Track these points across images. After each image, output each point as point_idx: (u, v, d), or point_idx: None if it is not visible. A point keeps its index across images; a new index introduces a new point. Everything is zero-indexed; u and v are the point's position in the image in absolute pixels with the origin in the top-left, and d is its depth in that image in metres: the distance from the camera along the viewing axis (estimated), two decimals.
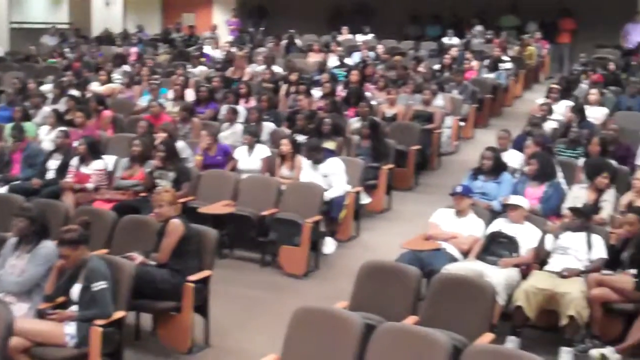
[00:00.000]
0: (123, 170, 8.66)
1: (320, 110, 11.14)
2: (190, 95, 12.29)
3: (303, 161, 8.70)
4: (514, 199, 7.08)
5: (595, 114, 10.85)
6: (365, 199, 9.16)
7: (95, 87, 13.23)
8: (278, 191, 8.27)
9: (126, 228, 6.82)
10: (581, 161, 8.63)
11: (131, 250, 6.23)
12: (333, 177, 8.43)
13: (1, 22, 19.20)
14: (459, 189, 7.22)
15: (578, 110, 10.28)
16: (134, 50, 17.95)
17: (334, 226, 8.50)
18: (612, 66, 14.20)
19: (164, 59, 16.84)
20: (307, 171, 8.60)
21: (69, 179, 8.61)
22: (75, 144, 9.11)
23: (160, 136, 9.13)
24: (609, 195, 7.52)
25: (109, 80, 13.61)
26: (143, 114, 11.33)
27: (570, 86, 12.75)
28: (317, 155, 8.61)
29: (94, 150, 8.74)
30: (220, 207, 8.10)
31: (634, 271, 6.21)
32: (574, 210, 6.85)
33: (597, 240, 6.54)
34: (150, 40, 20.01)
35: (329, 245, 8.33)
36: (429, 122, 11.29)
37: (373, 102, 11.80)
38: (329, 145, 9.48)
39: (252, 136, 9.25)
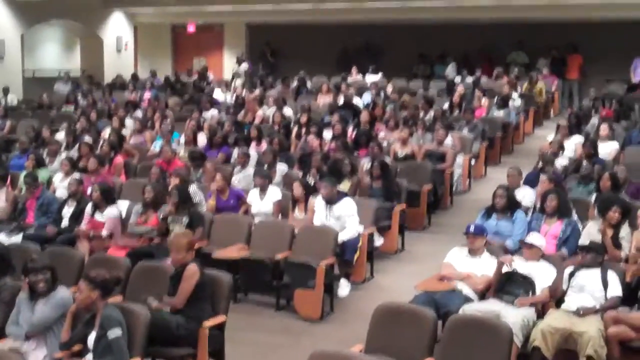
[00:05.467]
0: (137, 216, 8.66)
1: (332, 151, 11.17)
2: (202, 139, 12.37)
3: (316, 203, 8.69)
4: (531, 238, 7.01)
5: (606, 149, 10.85)
6: (378, 240, 9.15)
7: (108, 133, 13.34)
8: (291, 234, 8.26)
9: (140, 274, 6.80)
10: (593, 197, 8.61)
11: (146, 296, 6.22)
12: (346, 218, 8.40)
13: (15, 71, 19.42)
14: (472, 228, 7.18)
15: (590, 146, 10.29)
16: (146, 95, 18.11)
17: (348, 268, 8.47)
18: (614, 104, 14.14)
19: (174, 103, 16.94)
20: (320, 213, 8.58)
21: (84, 226, 8.65)
22: (88, 190, 9.16)
23: (173, 181, 9.17)
24: (624, 231, 7.48)
25: (122, 126, 13.72)
26: (155, 159, 11.40)
27: (581, 122, 12.77)
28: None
29: (108, 197, 8.75)
30: (233, 252, 8.10)
31: None
32: (583, 248, 6.81)
33: (613, 278, 6.48)
34: (162, 85, 20.20)
35: (343, 287, 8.31)
36: (440, 161, 11.31)
37: (384, 143, 11.84)
38: (342, 186, 9.47)
39: (265, 179, 9.28)
